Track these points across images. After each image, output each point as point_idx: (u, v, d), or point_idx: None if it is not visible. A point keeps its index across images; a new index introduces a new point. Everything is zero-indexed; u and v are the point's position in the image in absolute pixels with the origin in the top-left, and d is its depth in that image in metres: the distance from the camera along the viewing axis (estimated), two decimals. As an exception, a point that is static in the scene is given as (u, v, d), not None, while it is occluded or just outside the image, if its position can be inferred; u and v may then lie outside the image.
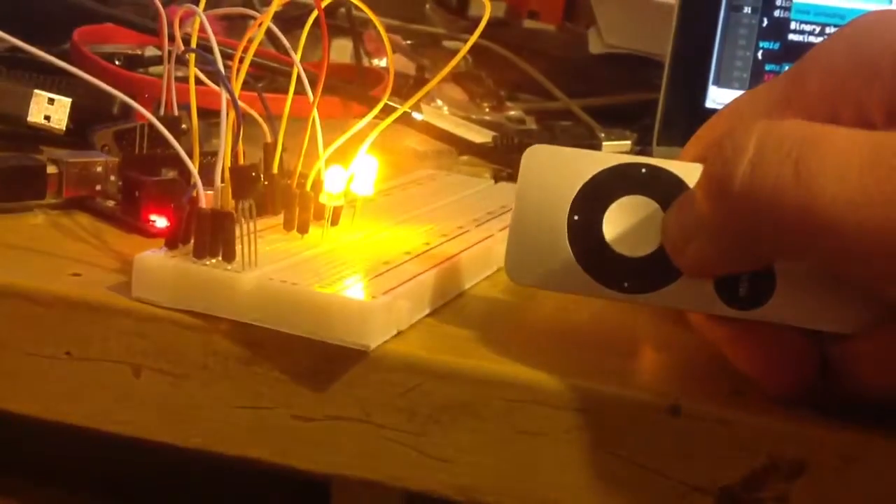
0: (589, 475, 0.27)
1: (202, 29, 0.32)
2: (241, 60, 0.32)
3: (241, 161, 0.34)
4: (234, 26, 0.65)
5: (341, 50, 0.65)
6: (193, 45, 0.32)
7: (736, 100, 0.29)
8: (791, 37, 0.53)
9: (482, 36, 0.35)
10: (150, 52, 0.55)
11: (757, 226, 0.24)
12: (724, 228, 0.25)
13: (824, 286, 0.25)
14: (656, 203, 0.27)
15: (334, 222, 0.34)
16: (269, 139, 0.35)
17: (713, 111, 0.29)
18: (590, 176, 0.27)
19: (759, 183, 0.23)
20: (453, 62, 0.35)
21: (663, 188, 0.27)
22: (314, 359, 0.28)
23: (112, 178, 0.37)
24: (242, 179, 0.29)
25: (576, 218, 0.27)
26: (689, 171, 0.27)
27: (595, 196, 0.27)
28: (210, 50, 0.31)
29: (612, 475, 0.27)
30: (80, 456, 0.43)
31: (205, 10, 0.33)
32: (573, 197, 0.27)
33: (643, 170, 0.27)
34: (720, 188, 0.24)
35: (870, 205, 0.22)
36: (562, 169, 0.27)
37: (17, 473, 0.44)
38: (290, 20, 0.62)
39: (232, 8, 0.39)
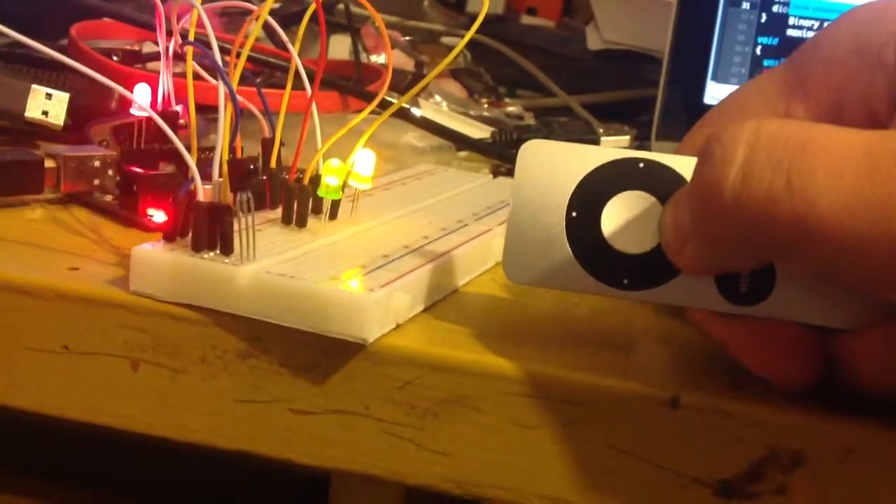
0: (588, 468, 0.27)
1: (200, 24, 0.32)
2: (239, 55, 0.32)
3: (240, 156, 0.34)
4: (232, 22, 0.65)
5: (340, 46, 0.65)
6: (191, 38, 0.32)
7: (737, 91, 0.28)
8: (790, 32, 0.53)
9: (481, 32, 0.35)
10: (149, 48, 0.55)
11: (750, 233, 0.23)
12: (717, 234, 0.24)
13: (824, 282, 0.25)
14: (655, 198, 0.27)
15: (332, 216, 0.34)
16: (267, 134, 0.35)
17: (712, 107, 0.29)
18: (587, 172, 0.27)
19: (751, 192, 0.23)
20: (450, 56, 0.35)
21: (661, 183, 0.26)
22: (312, 352, 0.28)
23: (110, 172, 0.37)
24: (240, 172, 0.29)
25: (574, 214, 0.27)
26: (687, 165, 0.26)
27: (593, 192, 0.27)
28: (208, 45, 0.30)
29: (611, 467, 0.27)
30: (79, 453, 0.43)
31: (202, 3, 0.32)
32: (571, 193, 0.27)
33: (641, 164, 0.27)
34: (711, 196, 0.23)
35: (866, 210, 0.22)
36: (559, 165, 0.27)
37: (18, 471, 0.44)
38: (288, 16, 0.62)
39: (230, 2, 0.39)
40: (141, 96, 0.37)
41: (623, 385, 0.27)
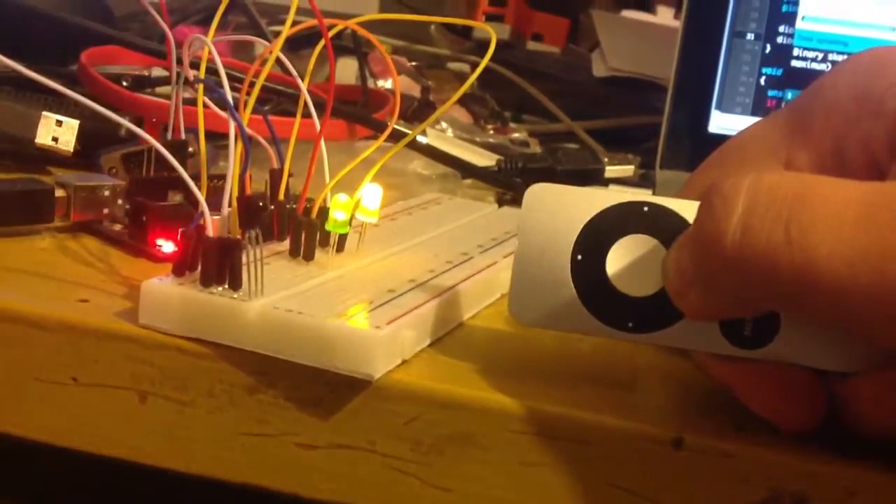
0: (591, 507, 0.27)
1: (210, 54, 0.32)
2: (251, 86, 0.32)
3: (249, 186, 0.35)
4: (240, 44, 0.65)
5: (347, 70, 0.66)
6: (202, 73, 0.33)
7: (739, 136, 0.29)
8: (794, 63, 0.53)
9: (486, 58, 0.35)
10: (157, 72, 0.55)
11: (751, 283, 0.24)
12: (719, 282, 0.25)
13: (828, 326, 0.25)
14: (658, 242, 0.27)
15: (340, 249, 0.34)
16: (275, 164, 0.36)
17: (716, 136, 0.29)
18: (592, 215, 0.27)
19: (751, 244, 0.23)
20: (462, 89, 0.35)
21: (665, 227, 0.27)
22: (319, 387, 0.28)
23: (119, 201, 0.37)
24: (250, 209, 0.30)
25: (579, 258, 0.27)
26: (691, 210, 0.26)
27: (598, 235, 0.27)
28: (217, 73, 0.31)
29: (614, 507, 0.27)
30: (80, 475, 0.43)
31: (213, 34, 0.33)
32: (576, 236, 0.27)
33: (645, 208, 0.27)
34: (711, 246, 0.24)
35: (865, 261, 0.22)
36: (564, 208, 0.27)
37: (13, 494, 0.44)
38: (296, 39, 0.63)
39: (240, 35, 0.39)
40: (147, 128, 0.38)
41: (627, 425, 0.27)
